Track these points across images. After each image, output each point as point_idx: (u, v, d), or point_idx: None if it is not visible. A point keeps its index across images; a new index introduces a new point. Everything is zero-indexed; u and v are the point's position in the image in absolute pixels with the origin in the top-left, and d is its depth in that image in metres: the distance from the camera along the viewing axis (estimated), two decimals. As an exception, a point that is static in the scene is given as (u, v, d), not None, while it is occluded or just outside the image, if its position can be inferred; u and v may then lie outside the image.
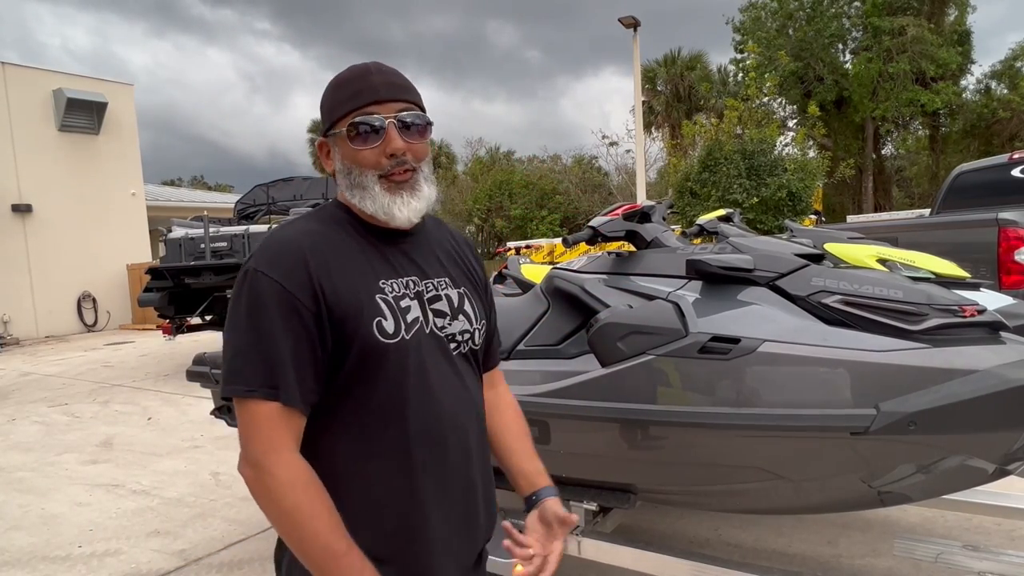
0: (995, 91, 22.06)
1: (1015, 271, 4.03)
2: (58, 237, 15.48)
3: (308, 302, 0.99)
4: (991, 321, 1.76)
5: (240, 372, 0.98)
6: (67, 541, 3.55)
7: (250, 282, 1.00)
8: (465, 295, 1.18)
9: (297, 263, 1.00)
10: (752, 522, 3.11)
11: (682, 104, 26.64)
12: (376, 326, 1.02)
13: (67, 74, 16.25)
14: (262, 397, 0.97)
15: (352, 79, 1.09)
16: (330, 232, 1.07)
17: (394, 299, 1.06)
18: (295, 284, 0.99)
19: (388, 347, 1.03)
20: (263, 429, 0.97)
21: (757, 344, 1.77)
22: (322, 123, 1.13)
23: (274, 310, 0.98)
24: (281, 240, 1.04)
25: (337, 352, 1.02)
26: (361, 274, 1.05)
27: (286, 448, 0.98)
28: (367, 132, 1.05)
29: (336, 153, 1.10)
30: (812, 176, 11.09)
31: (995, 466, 1.74)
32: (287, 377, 0.97)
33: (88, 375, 9.31)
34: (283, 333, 0.98)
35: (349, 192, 1.09)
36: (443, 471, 1.09)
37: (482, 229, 24.23)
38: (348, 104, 1.07)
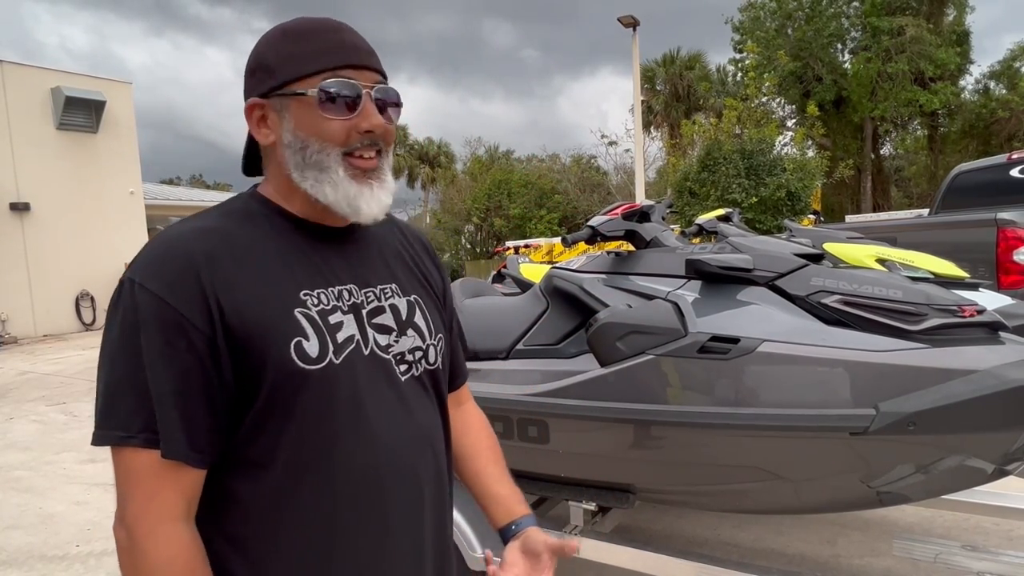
0: (994, 91, 22.09)
1: (1014, 271, 4.04)
2: (56, 236, 15.46)
3: (199, 322, 0.78)
4: (990, 321, 1.76)
5: (113, 413, 0.78)
6: (65, 540, 3.55)
7: (125, 297, 0.79)
8: (417, 304, 0.98)
9: (185, 272, 0.79)
10: (751, 522, 3.11)
11: (681, 104, 26.65)
12: (294, 348, 0.82)
13: (65, 72, 16.22)
14: (140, 445, 0.77)
15: (317, 31, 0.88)
16: (237, 230, 0.86)
17: (319, 314, 0.85)
18: (181, 299, 0.78)
19: (310, 374, 0.82)
20: (142, 486, 0.78)
21: (756, 344, 1.76)
22: (259, 79, 0.88)
23: (153, 333, 0.77)
24: (167, 242, 0.83)
25: (244, 385, 0.81)
26: (276, 284, 0.84)
27: (167, 516, 0.78)
28: (342, 99, 0.85)
29: (285, 120, 0.87)
30: (811, 176, 11.12)
31: (994, 466, 1.74)
32: (170, 421, 0.77)
33: (86, 374, 9.30)
34: (165, 363, 0.77)
35: (298, 173, 0.87)
36: (383, 531, 0.89)
37: (481, 228, 24.22)
38: (318, 60, 0.86)
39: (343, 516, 0.86)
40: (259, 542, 0.84)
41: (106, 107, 16.24)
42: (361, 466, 0.86)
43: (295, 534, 0.84)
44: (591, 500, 2.26)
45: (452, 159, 36.12)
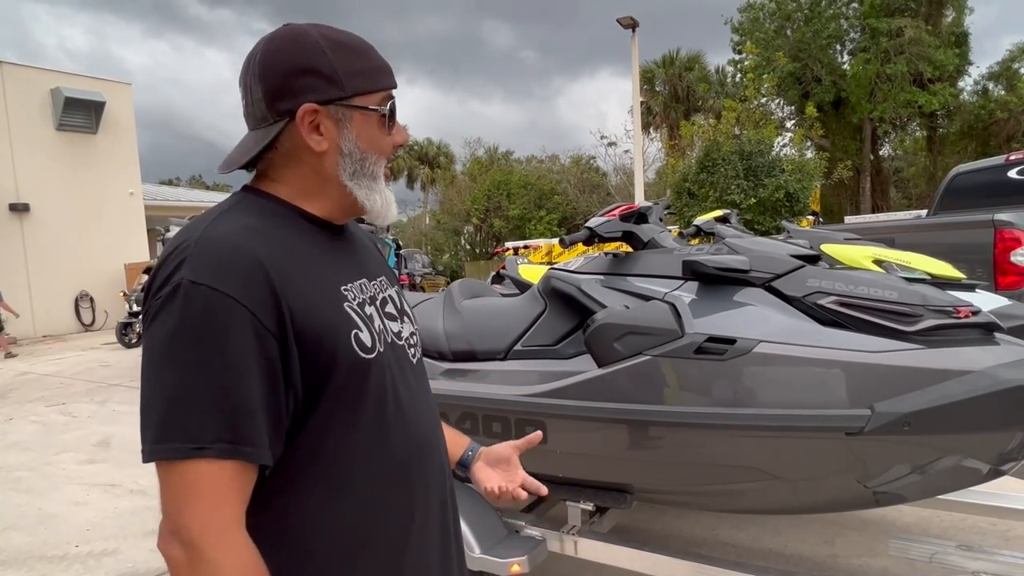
0: (992, 92, 22.11)
1: (1011, 272, 4.05)
2: (56, 236, 15.46)
3: (272, 326, 0.77)
4: (985, 322, 1.77)
5: (180, 425, 0.73)
6: (64, 540, 3.55)
7: (188, 299, 0.74)
8: (399, 294, 1.05)
9: (255, 274, 0.77)
10: (748, 522, 3.11)
11: (680, 105, 26.65)
12: (355, 340, 0.84)
13: (65, 73, 16.23)
14: (215, 456, 0.73)
15: (368, 50, 0.91)
16: (274, 230, 0.85)
17: (359, 306, 0.89)
18: (256, 303, 0.76)
19: (370, 363, 0.86)
20: (207, 497, 0.73)
21: (753, 345, 1.77)
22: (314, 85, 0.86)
23: (232, 337, 0.74)
24: (226, 241, 0.79)
25: (311, 384, 0.82)
26: (322, 281, 0.86)
27: (235, 524, 0.76)
28: (393, 118, 0.92)
29: (345, 131, 0.88)
30: (810, 177, 11.12)
31: (989, 466, 1.75)
32: (255, 427, 0.75)
33: (86, 374, 9.30)
34: (244, 368, 0.74)
35: (353, 181, 0.90)
36: (426, 496, 0.96)
37: (480, 229, 24.23)
38: (380, 78, 0.91)
39: (391, 492, 0.91)
40: (330, 516, 0.86)
41: (105, 108, 16.25)
42: (403, 445, 0.92)
43: (367, 500, 0.88)
44: (589, 500, 2.27)
45: (451, 160, 36.11)
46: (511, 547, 2.18)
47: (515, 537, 2.27)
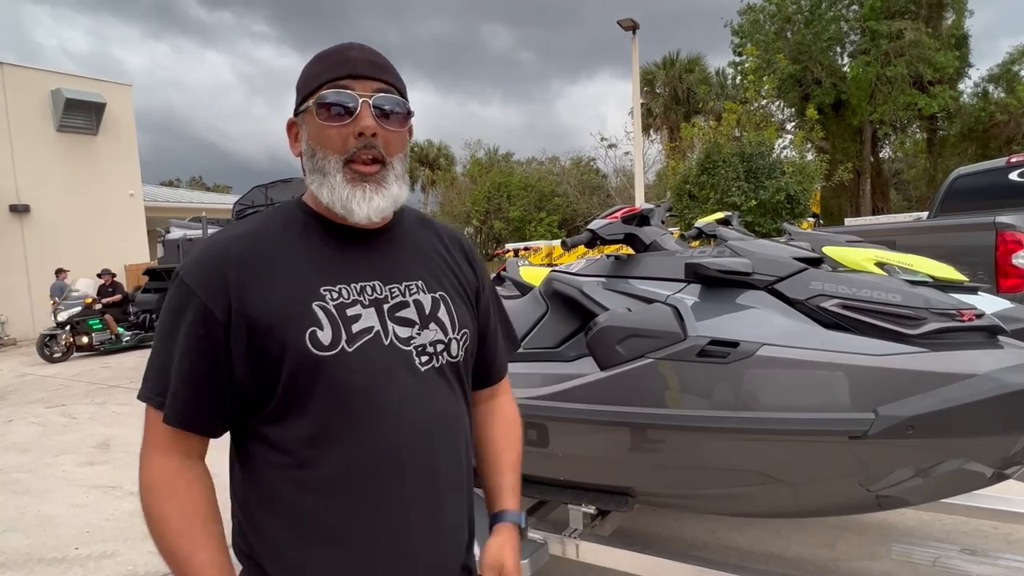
0: (992, 95, 22.12)
1: (1013, 275, 4.04)
2: (56, 237, 15.47)
3: (220, 314, 0.90)
4: (989, 325, 1.77)
5: (146, 378, 0.95)
6: (63, 543, 3.54)
7: (171, 287, 0.96)
8: (442, 300, 1.05)
9: (215, 270, 0.92)
10: (750, 525, 3.11)
11: (680, 106, 26.67)
12: (309, 337, 0.91)
13: (65, 74, 16.24)
14: (155, 407, 0.93)
15: (330, 53, 0.98)
16: (273, 235, 0.97)
17: (337, 307, 0.94)
18: (209, 293, 0.91)
19: (323, 360, 0.91)
20: (152, 435, 0.95)
21: (755, 348, 1.77)
22: (296, 100, 1.02)
23: (181, 319, 0.92)
24: (207, 245, 0.97)
25: (266, 370, 0.92)
26: (298, 280, 0.94)
27: (159, 449, 0.95)
28: (338, 108, 0.94)
29: (303, 132, 0.99)
30: (810, 179, 11.14)
31: (993, 470, 1.74)
32: (175, 394, 0.92)
33: (85, 376, 9.30)
34: (185, 345, 0.91)
35: (310, 177, 0.98)
36: (400, 503, 0.96)
37: (480, 231, 24.23)
38: (321, 77, 0.96)
39: (360, 487, 0.94)
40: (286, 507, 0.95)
41: (106, 109, 16.27)
42: (377, 444, 0.94)
43: (317, 502, 0.93)
44: (590, 503, 2.26)
45: (452, 161, 36.12)
46: (512, 550, 2.17)
47: (516, 540, 2.26)
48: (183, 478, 0.94)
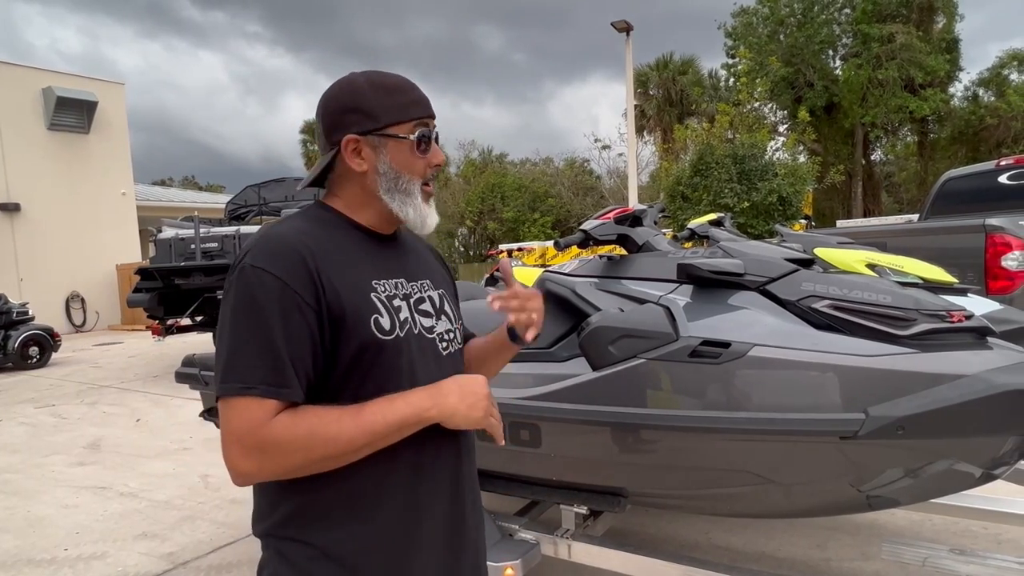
0: (982, 98, 22.29)
1: (1002, 277, 4.07)
2: (47, 237, 15.37)
3: (311, 299, 0.98)
4: (978, 326, 1.78)
5: (236, 369, 0.96)
6: (53, 544, 3.52)
7: (248, 278, 0.98)
8: (444, 296, 1.22)
9: (297, 260, 1.00)
10: (742, 525, 3.12)
11: (674, 108, 26.74)
12: (374, 323, 1.03)
13: (57, 72, 16.14)
14: (259, 395, 0.95)
15: (404, 88, 1.12)
16: (324, 233, 1.08)
17: (387, 298, 1.07)
18: (297, 281, 0.98)
19: (385, 343, 1.04)
20: (254, 422, 0.95)
21: (747, 348, 1.78)
22: (356, 120, 1.09)
23: (276, 307, 0.97)
24: (278, 237, 1.03)
25: (336, 350, 1.02)
26: (356, 273, 1.06)
27: (267, 418, 0.96)
28: (427, 142, 1.11)
29: (381, 155, 1.10)
30: (802, 181, 11.19)
31: (982, 470, 1.76)
32: (288, 375, 0.96)
33: (76, 376, 9.24)
34: (285, 331, 0.97)
35: (389, 196, 1.10)
36: (434, 471, 1.10)
37: (474, 231, 24.22)
38: (412, 110, 1.10)
39: (402, 451, 1.05)
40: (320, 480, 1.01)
41: (98, 108, 16.17)
42: None
43: (375, 461, 1.02)
44: (583, 504, 2.26)
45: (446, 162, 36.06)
46: (505, 550, 2.18)
47: (509, 540, 2.27)
48: (299, 412, 0.98)
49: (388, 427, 0.99)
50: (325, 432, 0.96)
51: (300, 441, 0.95)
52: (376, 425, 0.98)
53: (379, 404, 0.99)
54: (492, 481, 2.37)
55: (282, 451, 0.95)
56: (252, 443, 0.95)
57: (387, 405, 0.99)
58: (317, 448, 0.96)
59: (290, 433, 0.95)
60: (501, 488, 2.38)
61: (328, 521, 1.03)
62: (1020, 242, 4.08)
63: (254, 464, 0.96)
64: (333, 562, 1.03)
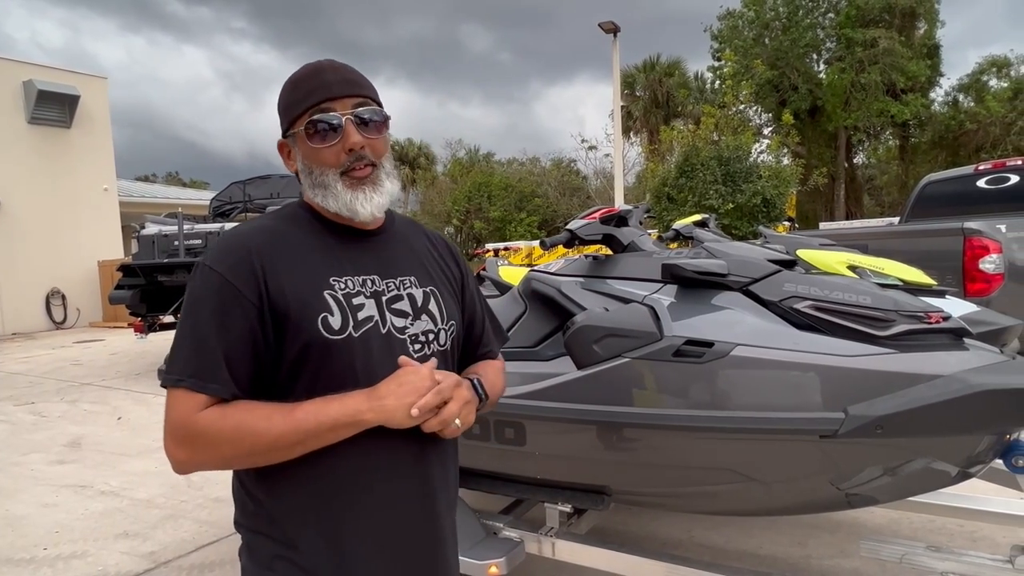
0: (962, 103, 22.62)
1: (979, 279, 4.14)
2: (26, 232, 15.13)
3: (251, 296, 0.99)
4: (956, 328, 1.81)
5: (174, 363, 0.99)
6: (32, 543, 3.48)
7: (197, 276, 1.02)
8: (432, 294, 1.16)
9: (242, 257, 1.01)
10: (723, 523, 3.15)
11: (660, 110, 26.87)
12: (321, 321, 1.01)
13: (38, 65, 15.90)
14: (188, 388, 0.97)
15: (306, 77, 1.09)
16: (286, 230, 1.08)
17: (344, 296, 1.05)
18: (239, 277, 0.99)
19: (333, 343, 1.01)
20: (184, 414, 0.98)
21: (730, 348, 1.80)
22: (281, 124, 1.12)
23: (214, 302, 0.99)
24: (232, 236, 1.06)
25: (280, 348, 1.01)
26: (311, 270, 1.04)
27: (196, 411, 0.98)
28: (325, 130, 1.05)
29: (296, 153, 1.11)
30: (786, 183, 11.30)
31: (958, 469, 1.79)
32: (218, 370, 0.97)
33: (56, 373, 9.11)
34: (221, 327, 0.98)
35: (312, 191, 1.09)
36: (396, 473, 1.07)
37: (461, 230, 24.19)
38: (304, 103, 1.07)
39: (357, 457, 1.03)
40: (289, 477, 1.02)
41: (80, 102, 15.94)
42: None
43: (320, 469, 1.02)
44: (567, 502, 2.27)
45: (432, 161, 35.98)
46: (489, 549, 2.18)
47: (493, 539, 2.28)
48: (231, 406, 0.99)
49: (319, 427, 0.97)
50: (253, 427, 0.96)
51: (226, 434, 0.96)
52: (307, 424, 0.96)
53: (314, 404, 0.98)
54: (476, 479, 2.38)
55: (209, 443, 0.97)
56: (182, 434, 0.98)
57: (321, 405, 0.98)
58: (244, 442, 0.96)
59: (216, 427, 0.96)
60: (485, 486, 2.39)
61: (291, 519, 1.04)
62: (997, 245, 4.16)
63: (185, 453, 0.99)
64: (292, 561, 1.03)
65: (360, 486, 1.05)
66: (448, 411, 1.02)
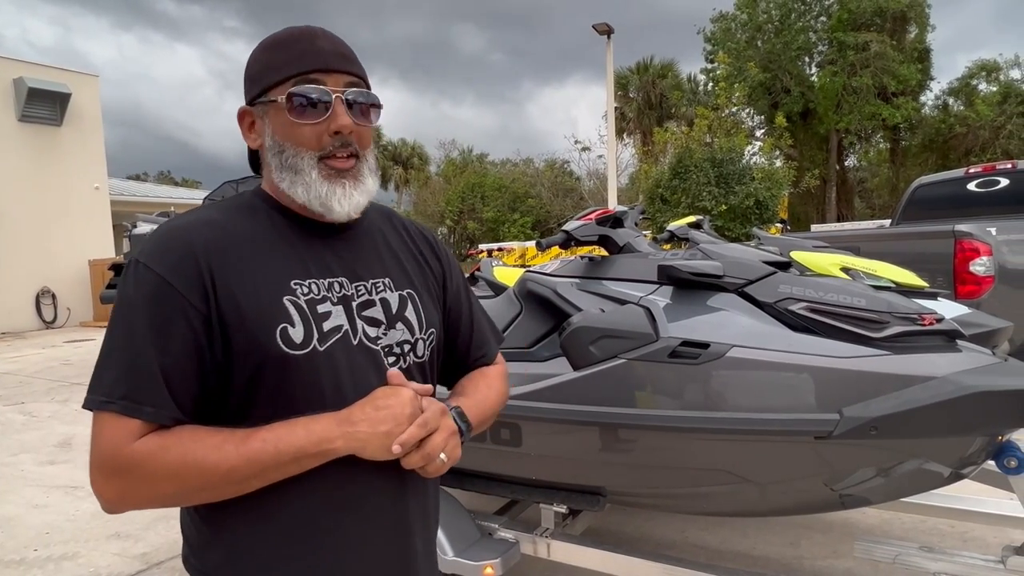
0: (952, 107, 22.81)
1: (970, 281, 4.18)
2: (16, 231, 15.00)
3: (196, 302, 0.83)
4: (948, 330, 1.83)
5: (100, 381, 0.82)
6: (22, 544, 3.45)
7: (129, 276, 0.84)
8: (410, 298, 1.01)
9: (186, 255, 0.84)
10: (718, 524, 3.16)
11: (653, 111, 26.94)
12: (280, 334, 0.85)
13: (29, 63, 15.77)
14: (118, 412, 0.80)
15: (292, 40, 0.92)
16: (237, 223, 0.91)
17: (308, 303, 0.89)
18: (181, 279, 0.83)
19: (294, 359, 0.86)
20: (113, 443, 0.81)
21: (726, 349, 1.80)
22: (247, 89, 0.95)
23: (152, 308, 0.82)
24: (171, 229, 0.88)
25: (231, 365, 0.85)
26: (267, 272, 0.88)
27: (131, 440, 0.81)
28: (309, 104, 0.89)
29: (266, 125, 0.93)
30: (778, 185, 11.37)
31: (950, 470, 1.80)
32: (156, 391, 0.81)
33: (45, 373, 9.05)
34: (159, 338, 0.81)
35: (278, 174, 0.92)
36: (369, 510, 0.93)
37: (454, 231, 24.18)
38: (289, 67, 0.90)
39: (327, 491, 0.89)
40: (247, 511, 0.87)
41: (71, 100, 15.83)
42: None
43: (283, 503, 0.88)
44: (562, 503, 2.28)
45: (425, 161, 35.97)
46: (484, 549, 2.18)
47: (488, 540, 2.27)
48: (173, 433, 0.83)
49: (278, 458, 0.82)
50: (201, 460, 0.80)
51: (170, 469, 0.80)
52: (263, 455, 0.81)
53: (274, 430, 0.83)
54: (472, 480, 2.38)
55: (147, 479, 0.80)
56: (111, 467, 0.81)
57: (283, 432, 0.83)
58: (190, 478, 0.80)
59: (156, 460, 0.79)
60: (481, 487, 2.39)
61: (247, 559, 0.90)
62: (987, 248, 4.20)
63: (116, 490, 0.81)
64: None
65: (328, 524, 0.90)
66: (432, 444, 0.88)
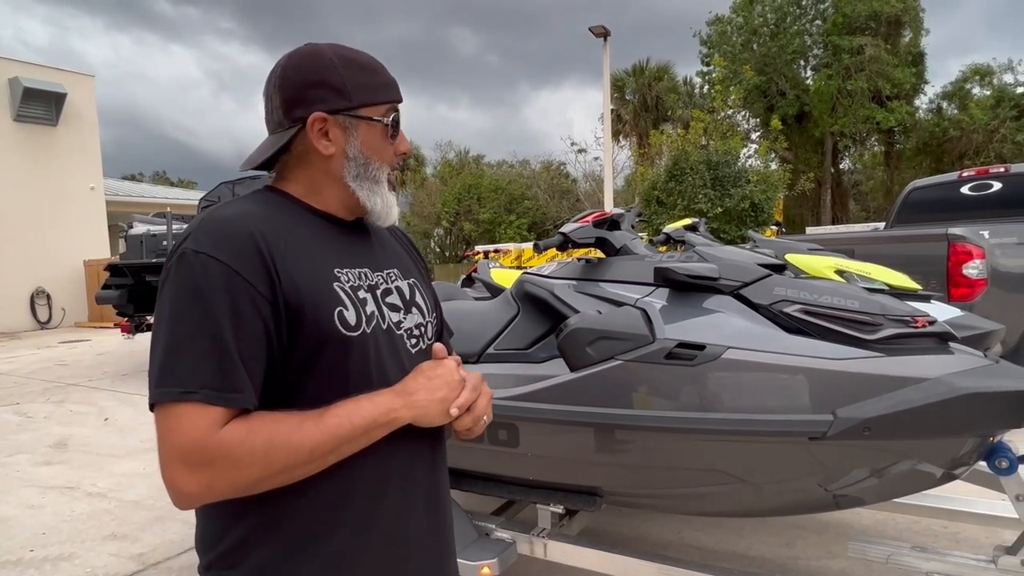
0: (946, 111, 22.93)
1: (963, 284, 4.21)
2: (11, 231, 14.96)
3: (264, 289, 0.86)
4: (941, 332, 1.85)
5: (174, 371, 0.82)
6: (18, 545, 3.44)
7: (190, 266, 0.85)
8: (415, 286, 1.11)
9: (249, 244, 0.87)
10: (713, 525, 3.17)
11: (649, 113, 27.01)
12: (337, 316, 0.91)
13: (24, 63, 15.75)
14: (202, 401, 0.81)
15: (375, 67, 1.02)
16: (275, 215, 0.95)
17: (351, 289, 0.96)
18: (248, 268, 0.85)
19: (351, 340, 0.92)
20: (198, 434, 0.81)
21: (721, 351, 1.82)
22: (324, 96, 0.97)
23: (224, 297, 0.83)
24: (223, 220, 0.90)
25: (292, 348, 0.89)
26: (316, 260, 0.94)
27: (216, 427, 0.83)
28: (396, 129, 1.03)
29: (352, 137, 0.99)
30: (774, 188, 11.41)
31: (943, 470, 1.83)
32: (239, 377, 0.83)
33: (41, 373, 9.02)
34: (235, 325, 0.83)
35: (355, 182, 1.00)
36: (406, 482, 1.00)
37: (450, 232, 24.20)
38: (384, 92, 1.02)
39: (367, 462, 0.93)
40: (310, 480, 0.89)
41: (67, 100, 15.81)
42: None
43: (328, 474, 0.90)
44: (559, 503, 2.29)
45: (422, 162, 35.96)
46: (481, 550, 2.19)
47: (485, 540, 2.29)
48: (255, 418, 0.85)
49: (355, 431, 0.87)
50: (287, 441, 0.83)
51: (257, 453, 0.82)
52: (341, 429, 0.86)
53: (343, 407, 0.88)
54: (469, 481, 2.39)
55: (236, 466, 0.81)
56: (199, 459, 0.80)
57: (353, 407, 0.88)
58: (278, 460, 0.83)
59: (246, 445, 0.81)
60: (478, 487, 2.40)
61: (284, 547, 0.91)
62: (980, 251, 4.23)
63: (202, 483, 0.81)
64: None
65: (381, 491, 0.97)
66: (479, 407, 1.00)
